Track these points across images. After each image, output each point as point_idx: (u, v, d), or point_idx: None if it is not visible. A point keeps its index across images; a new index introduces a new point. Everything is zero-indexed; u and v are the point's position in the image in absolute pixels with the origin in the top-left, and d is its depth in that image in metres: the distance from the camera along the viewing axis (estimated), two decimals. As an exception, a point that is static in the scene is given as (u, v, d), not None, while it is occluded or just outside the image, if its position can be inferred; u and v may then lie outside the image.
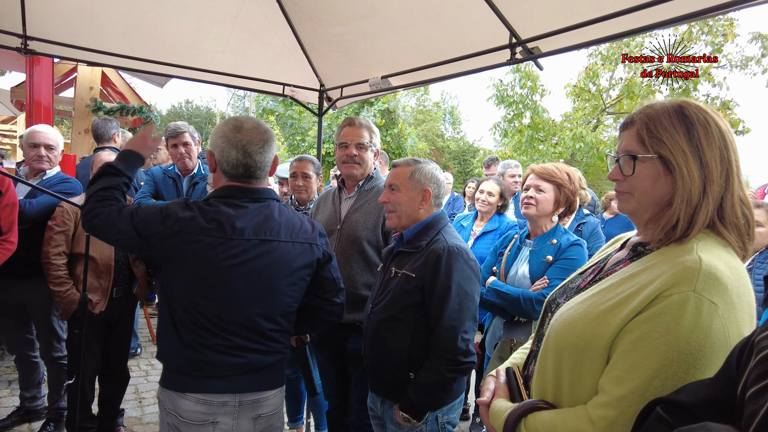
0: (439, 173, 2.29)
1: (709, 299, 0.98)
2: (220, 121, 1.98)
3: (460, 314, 2.01)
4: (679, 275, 1.01)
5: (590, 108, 13.80)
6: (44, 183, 3.25)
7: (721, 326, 0.98)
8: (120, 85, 7.63)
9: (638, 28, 2.42)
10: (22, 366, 3.51)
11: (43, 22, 3.53)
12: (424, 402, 2.02)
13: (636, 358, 1.01)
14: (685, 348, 0.97)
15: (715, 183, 1.09)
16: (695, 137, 1.10)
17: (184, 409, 1.77)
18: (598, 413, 1.03)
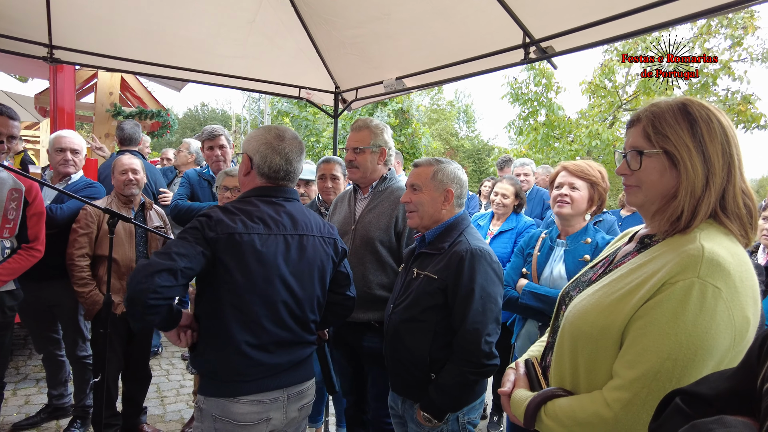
0: (462, 173, 2.27)
1: (712, 284, 1.04)
2: (258, 129, 2.04)
3: (484, 317, 2.00)
4: (684, 263, 1.07)
5: (606, 105, 13.64)
6: (70, 187, 3.35)
7: (725, 309, 1.03)
8: (138, 90, 7.75)
9: (654, 25, 2.40)
10: (50, 365, 3.62)
11: (66, 31, 3.64)
12: (445, 402, 2.02)
13: (646, 343, 1.07)
14: (692, 331, 1.03)
15: (717, 176, 1.15)
16: (698, 133, 1.16)
17: (238, 413, 1.82)
18: (613, 395, 1.09)
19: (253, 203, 1.91)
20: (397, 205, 2.66)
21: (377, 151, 2.71)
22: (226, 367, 1.82)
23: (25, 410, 3.79)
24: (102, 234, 3.17)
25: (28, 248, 2.91)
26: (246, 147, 1.99)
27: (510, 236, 3.66)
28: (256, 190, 1.97)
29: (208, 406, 1.84)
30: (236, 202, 1.93)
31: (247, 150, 1.98)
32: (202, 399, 1.86)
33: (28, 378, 4.39)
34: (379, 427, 2.76)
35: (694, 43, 11.69)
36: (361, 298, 2.67)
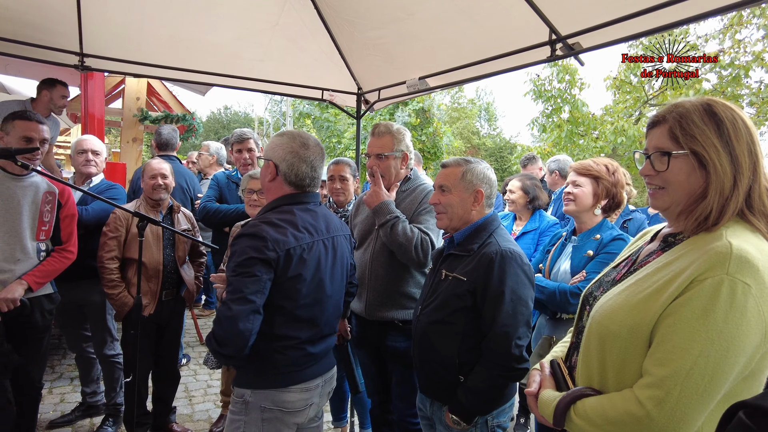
0: (491, 173, 2.24)
1: (742, 281, 1.04)
2: (281, 135, 2.07)
3: (514, 320, 1.96)
4: (712, 260, 1.08)
5: (632, 100, 13.32)
6: (93, 189, 3.44)
7: (755, 306, 1.04)
8: (164, 94, 7.91)
9: (684, 19, 2.33)
10: (82, 363, 3.72)
11: (97, 39, 3.74)
12: (474, 406, 2.00)
13: (677, 340, 1.08)
14: (723, 328, 1.04)
15: (745, 175, 1.16)
16: (725, 133, 1.17)
17: (289, 401, 1.98)
18: (645, 393, 1.09)
19: (292, 212, 1.98)
20: (420, 203, 2.66)
21: (400, 156, 2.72)
22: (282, 362, 1.95)
23: (60, 408, 3.90)
24: (130, 237, 3.23)
25: (62, 250, 2.99)
26: (271, 154, 2.02)
27: (533, 236, 3.61)
28: (288, 198, 2.03)
29: (256, 398, 1.94)
30: (276, 213, 1.98)
31: (272, 158, 2.01)
32: (248, 392, 1.95)
33: (63, 377, 4.52)
34: (405, 427, 2.76)
35: (725, 34, 11.33)
36: (385, 296, 2.68)
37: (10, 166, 2.76)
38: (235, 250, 1.83)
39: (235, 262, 1.80)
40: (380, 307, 2.70)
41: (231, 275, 1.81)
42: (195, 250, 3.67)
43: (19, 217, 2.78)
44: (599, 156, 11.48)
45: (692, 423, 1.06)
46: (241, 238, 1.84)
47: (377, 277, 2.69)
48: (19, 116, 2.78)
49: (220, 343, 1.78)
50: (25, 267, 2.81)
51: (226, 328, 1.75)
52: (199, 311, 6.65)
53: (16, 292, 2.70)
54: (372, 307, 2.72)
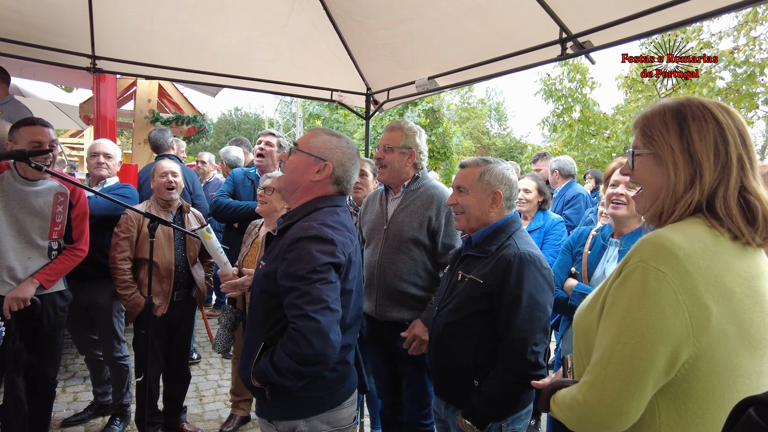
0: (511, 174, 2.17)
1: (655, 267, 1.06)
2: (336, 137, 1.97)
3: (531, 325, 1.91)
4: (635, 248, 1.12)
5: (644, 99, 13.16)
6: (105, 190, 3.47)
7: (671, 293, 1.04)
8: (175, 96, 7.96)
9: (697, 15, 2.29)
10: (92, 365, 3.75)
11: (108, 42, 3.77)
12: (487, 411, 1.96)
13: (603, 328, 1.15)
14: (636, 314, 1.07)
15: (705, 176, 1.14)
16: (686, 134, 1.17)
17: (344, 418, 1.86)
18: (583, 379, 1.17)
19: (338, 213, 1.89)
20: (430, 204, 2.65)
21: (406, 153, 2.71)
22: (333, 379, 1.82)
23: (73, 407, 3.95)
24: (142, 238, 3.26)
25: (72, 248, 3.02)
26: (328, 155, 1.89)
27: (538, 235, 3.62)
28: (329, 200, 1.91)
29: (312, 426, 1.77)
30: (325, 214, 1.84)
31: (330, 159, 1.89)
32: (302, 423, 1.77)
33: (76, 376, 4.57)
34: (415, 429, 2.75)
35: (739, 31, 11.16)
36: (394, 297, 2.67)
37: (22, 170, 2.80)
38: (300, 256, 1.68)
39: (307, 269, 1.65)
40: (389, 308, 2.69)
41: (303, 284, 1.64)
42: (205, 250, 3.68)
43: (31, 218, 2.82)
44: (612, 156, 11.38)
45: (624, 409, 1.08)
46: (304, 242, 1.70)
47: (385, 278, 2.68)
48: (23, 123, 2.82)
49: (306, 362, 1.59)
50: (36, 265, 2.85)
51: (315, 342, 1.57)
52: (209, 311, 6.69)
53: (28, 291, 2.74)
54: (381, 308, 2.71)
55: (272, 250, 1.85)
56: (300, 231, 1.74)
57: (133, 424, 3.62)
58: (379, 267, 2.70)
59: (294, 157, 1.91)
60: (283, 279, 1.69)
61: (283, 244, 1.76)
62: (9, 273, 2.75)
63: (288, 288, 1.67)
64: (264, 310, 1.79)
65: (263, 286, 1.79)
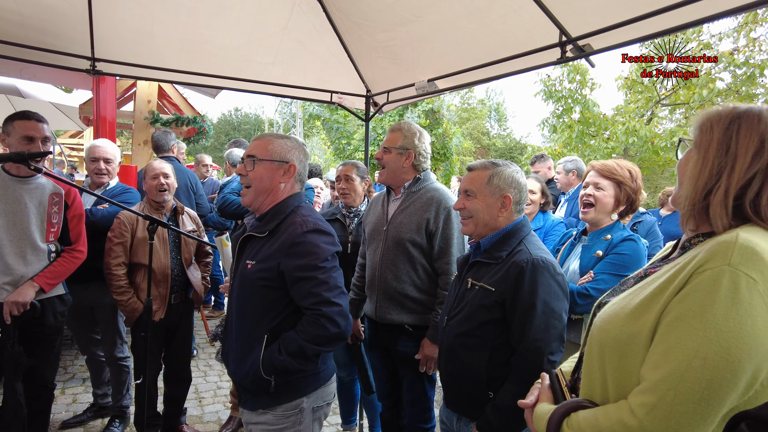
0: (521, 176, 2.11)
1: (746, 273, 0.93)
2: (287, 139, 2.14)
3: (546, 334, 1.83)
4: (713, 250, 0.97)
5: (644, 100, 13.19)
6: (107, 193, 3.47)
7: (762, 303, 0.92)
8: (175, 97, 7.96)
9: (699, 19, 2.28)
10: (93, 366, 3.75)
11: (108, 44, 3.76)
12: (503, 424, 1.85)
13: (672, 340, 0.97)
14: (723, 326, 0.92)
15: (737, 169, 1.06)
16: (733, 130, 1.09)
17: (332, 391, 2.11)
18: (638, 400, 0.99)
19: (312, 209, 2.09)
20: (429, 206, 2.64)
21: (404, 154, 2.72)
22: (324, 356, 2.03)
23: (72, 408, 3.94)
24: (136, 242, 3.22)
25: (71, 250, 3.00)
26: (289, 156, 2.07)
27: (539, 235, 3.62)
28: (299, 197, 2.10)
29: (310, 402, 1.99)
30: (310, 211, 2.05)
31: (291, 159, 2.07)
32: (305, 399, 1.97)
33: (75, 377, 4.56)
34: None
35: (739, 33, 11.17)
36: (394, 299, 2.67)
37: (14, 168, 2.78)
38: (310, 249, 1.87)
39: (320, 259, 1.87)
40: (389, 310, 2.69)
41: (319, 273, 1.86)
42: (201, 250, 3.67)
43: (27, 219, 2.80)
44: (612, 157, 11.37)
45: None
46: (310, 235, 1.90)
47: (385, 280, 2.68)
48: (18, 116, 2.79)
49: (332, 341, 1.86)
50: (36, 268, 2.83)
51: (341, 322, 1.85)
52: (209, 312, 6.69)
53: (28, 295, 2.72)
54: (381, 310, 2.71)
55: (261, 248, 1.96)
56: (298, 227, 1.91)
57: (132, 426, 3.62)
58: (379, 268, 2.71)
59: (259, 168, 2.01)
60: (295, 271, 1.85)
61: (284, 242, 1.89)
62: (7, 275, 2.73)
63: (302, 278, 1.85)
64: (263, 304, 1.92)
65: (263, 282, 1.89)
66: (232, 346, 2.00)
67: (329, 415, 4.00)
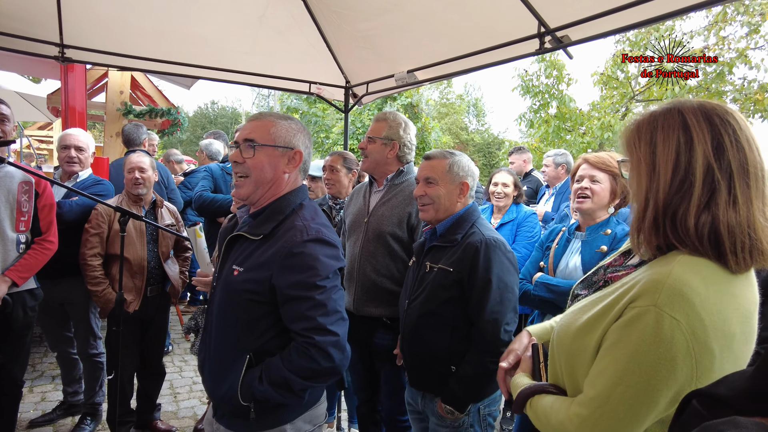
0: (473, 165, 2.31)
1: (670, 315, 0.99)
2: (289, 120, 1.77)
3: (502, 306, 2.02)
4: (645, 287, 1.04)
5: (618, 96, 13.41)
6: (78, 185, 3.35)
7: (683, 341, 0.99)
8: (148, 88, 7.78)
9: (671, 12, 2.33)
10: (63, 363, 3.64)
11: (77, 30, 3.63)
12: (467, 393, 2.04)
13: (604, 365, 1.08)
14: (644, 360, 1.01)
15: (661, 189, 1.09)
16: (654, 141, 1.12)
17: (321, 414, 1.81)
18: (574, 410, 1.12)
19: (316, 208, 1.79)
20: (412, 200, 2.62)
21: (388, 144, 2.69)
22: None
23: (41, 407, 3.83)
24: (113, 233, 3.19)
25: (42, 241, 2.91)
26: (294, 142, 1.74)
27: (511, 227, 3.70)
28: (302, 192, 1.80)
29: (297, 428, 1.70)
30: (314, 212, 1.75)
31: (297, 145, 1.74)
32: (288, 427, 1.67)
33: (44, 375, 4.44)
34: (393, 425, 2.74)
35: (710, 31, 11.45)
36: (372, 292, 2.65)
37: None
38: (308, 263, 1.57)
39: (320, 277, 1.57)
40: (367, 303, 2.67)
41: (317, 293, 1.56)
42: (179, 245, 3.63)
43: None
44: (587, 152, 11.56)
45: None
46: (311, 245, 1.59)
47: (364, 272, 2.66)
48: None
49: (323, 375, 1.57)
50: (6, 259, 2.74)
51: (335, 355, 1.55)
52: (184, 308, 6.58)
53: (0, 290, 2.63)
54: (359, 302, 2.69)
55: (251, 253, 1.65)
56: (298, 233, 1.61)
57: (105, 423, 3.53)
58: (359, 260, 2.68)
59: (260, 155, 1.68)
60: (289, 288, 1.56)
61: (280, 250, 1.59)
62: None
63: (296, 297, 1.56)
64: (247, 320, 1.63)
65: (250, 295, 1.61)
66: (209, 358, 1.72)
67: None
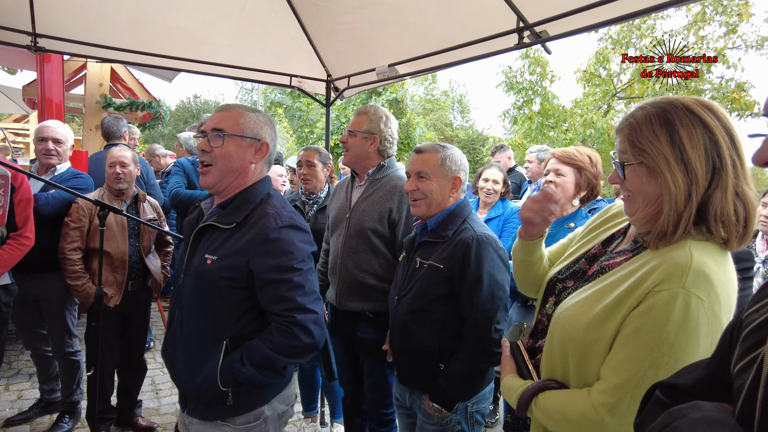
0: (466, 159, 2.22)
1: (696, 295, 1.05)
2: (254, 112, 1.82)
3: (493, 304, 1.97)
4: (670, 271, 1.08)
5: (601, 93, 13.59)
6: (56, 179, 3.28)
7: (706, 319, 1.05)
8: (129, 81, 7.65)
9: (648, 7, 2.36)
10: (38, 361, 3.56)
11: (52, 19, 3.55)
12: (455, 392, 2.00)
13: (630, 350, 1.10)
14: (674, 341, 1.05)
15: (700, 184, 1.12)
16: (677, 141, 1.12)
17: (292, 394, 1.90)
18: (599, 399, 1.12)
19: (284, 199, 1.85)
20: (393, 195, 2.61)
21: (369, 138, 2.67)
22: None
23: (18, 405, 3.76)
24: (94, 227, 3.14)
25: (18, 236, 2.85)
26: (262, 133, 1.79)
27: (497, 223, 3.70)
28: (268, 183, 1.85)
29: (273, 408, 1.78)
30: (282, 201, 1.80)
31: (264, 137, 1.80)
32: (266, 408, 1.75)
33: (21, 373, 4.35)
34: (377, 418, 2.75)
35: (689, 30, 11.65)
36: (354, 287, 2.65)
37: None
38: (285, 248, 1.64)
39: (297, 259, 1.65)
40: (349, 298, 2.67)
41: (295, 275, 1.64)
42: (161, 240, 3.59)
43: None
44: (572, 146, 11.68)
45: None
46: (286, 231, 1.66)
47: (346, 267, 2.65)
48: None
49: (304, 352, 1.65)
50: None
51: (315, 332, 1.64)
52: (166, 303, 6.51)
53: None
54: (342, 297, 2.69)
55: (224, 242, 1.69)
56: (272, 220, 1.67)
57: (84, 421, 3.48)
58: (341, 256, 2.67)
59: (228, 145, 1.72)
60: (267, 272, 1.62)
61: (255, 237, 1.65)
62: None
63: (275, 280, 1.63)
64: (223, 307, 1.68)
65: (227, 282, 1.65)
66: (179, 351, 1.74)
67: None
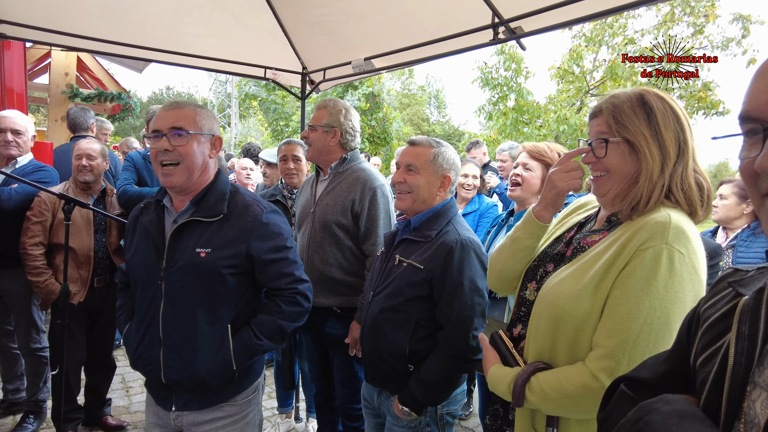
0: (459, 160, 2.16)
1: (678, 249, 1.13)
2: (204, 108, 1.92)
3: (472, 311, 1.90)
4: (653, 230, 1.15)
5: (574, 90, 13.81)
6: (18, 171, 3.16)
7: (688, 273, 1.13)
8: (97, 71, 7.42)
9: (621, 5, 2.41)
10: (4, 358, 3.45)
11: (13, 4, 3.40)
12: (426, 397, 1.92)
13: (623, 311, 1.14)
14: (663, 295, 1.12)
15: (671, 160, 1.24)
16: (654, 122, 1.25)
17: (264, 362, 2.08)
18: (598, 365, 1.15)
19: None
20: (355, 187, 2.59)
21: (329, 132, 2.65)
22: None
23: (-21, 405, 3.62)
24: (57, 222, 3.04)
25: None
26: (215, 128, 1.92)
27: (473, 218, 3.76)
28: (225, 175, 1.97)
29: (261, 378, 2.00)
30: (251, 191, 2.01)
31: (216, 131, 1.93)
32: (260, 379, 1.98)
33: (-17, 372, 4.19)
34: (348, 413, 2.75)
35: (659, 30, 11.93)
36: (321, 282, 2.62)
37: None
38: (275, 231, 1.85)
39: (287, 239, 1.88)
40: (317, 294, 2.62)
41: (289, 253, 1.88)
42: (130, 235, 3.48)
43: None
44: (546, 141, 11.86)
45: None
46: (272, 215, 1.87)
47: (313, 263, 2.62)
48: None
49: (304, 315, 1.91)
50: None
51: (311, 296, 1.93)
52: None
53: None
54: (309, 293, 2.67)
55: (214, 234, 1.78)
56: (256, 207, 1.84)
57: (50, 421, 3.38)
58: (307, 251, 2.65)
59: (192, 142, 1.78)
60: (267, 253, 1.82)
61: (247, 224, 1.80)
62: None
63: (275, 259, 1.84)
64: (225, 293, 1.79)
65: (230, 270, 1.78)
66: (175, 346, 1.75)
67: (265, 399, 3.94)
